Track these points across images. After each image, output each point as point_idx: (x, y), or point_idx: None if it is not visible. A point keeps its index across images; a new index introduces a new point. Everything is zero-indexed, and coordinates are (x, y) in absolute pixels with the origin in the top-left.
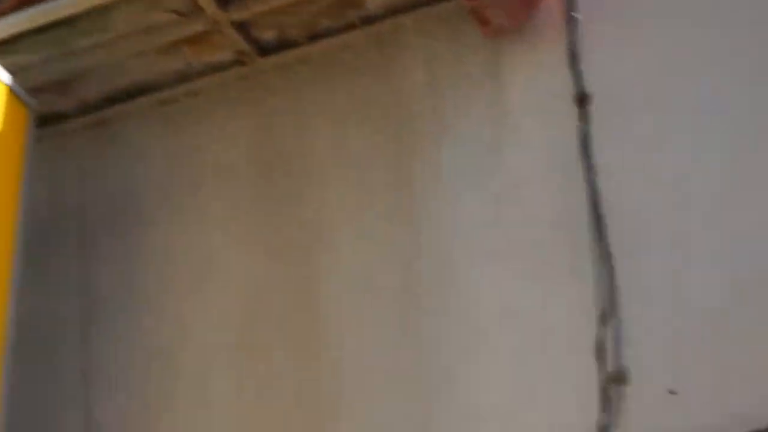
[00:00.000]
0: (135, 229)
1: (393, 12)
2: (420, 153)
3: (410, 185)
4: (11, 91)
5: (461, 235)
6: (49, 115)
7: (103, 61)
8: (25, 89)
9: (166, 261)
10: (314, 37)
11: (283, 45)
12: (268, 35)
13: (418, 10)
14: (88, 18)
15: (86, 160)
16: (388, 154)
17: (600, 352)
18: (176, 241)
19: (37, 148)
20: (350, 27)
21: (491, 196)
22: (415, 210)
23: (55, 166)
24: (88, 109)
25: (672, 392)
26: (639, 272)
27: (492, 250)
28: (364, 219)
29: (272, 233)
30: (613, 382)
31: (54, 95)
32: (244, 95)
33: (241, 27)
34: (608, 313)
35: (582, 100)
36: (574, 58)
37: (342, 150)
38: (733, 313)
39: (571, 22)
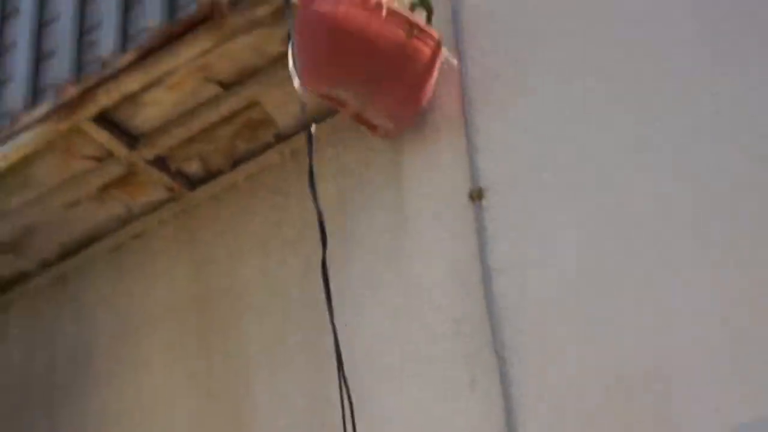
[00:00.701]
0: (91, 386)
1: (305, 125)
2: (331, 271)
3: (321, 306)
4: None
5: (364, 353)
6: (13, 277)
7: (42, 216)
8: None
9: (119, 414)
10: (236, 162)
11: (210, 175)
12: (192, 167)
13: (329, 120)
14: (9, 176)
15: (51, 319)
16: (300, 276)
17: None
18: (125, 393)
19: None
20: (267, 146)
21: (391, 310)
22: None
23: (25, 329)
24: (47, 265)
25: None
26: (536, 379)
27: (393, 366)
28: (281, 347)
29: (207, 371)
30: None
31: (9, 255)
32: (180, 231)
33: (161, 163)
34: (507, 426)
35: (477, 196)
36: (468, 154)
37: (263, 277)
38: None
39: (465, 117)
